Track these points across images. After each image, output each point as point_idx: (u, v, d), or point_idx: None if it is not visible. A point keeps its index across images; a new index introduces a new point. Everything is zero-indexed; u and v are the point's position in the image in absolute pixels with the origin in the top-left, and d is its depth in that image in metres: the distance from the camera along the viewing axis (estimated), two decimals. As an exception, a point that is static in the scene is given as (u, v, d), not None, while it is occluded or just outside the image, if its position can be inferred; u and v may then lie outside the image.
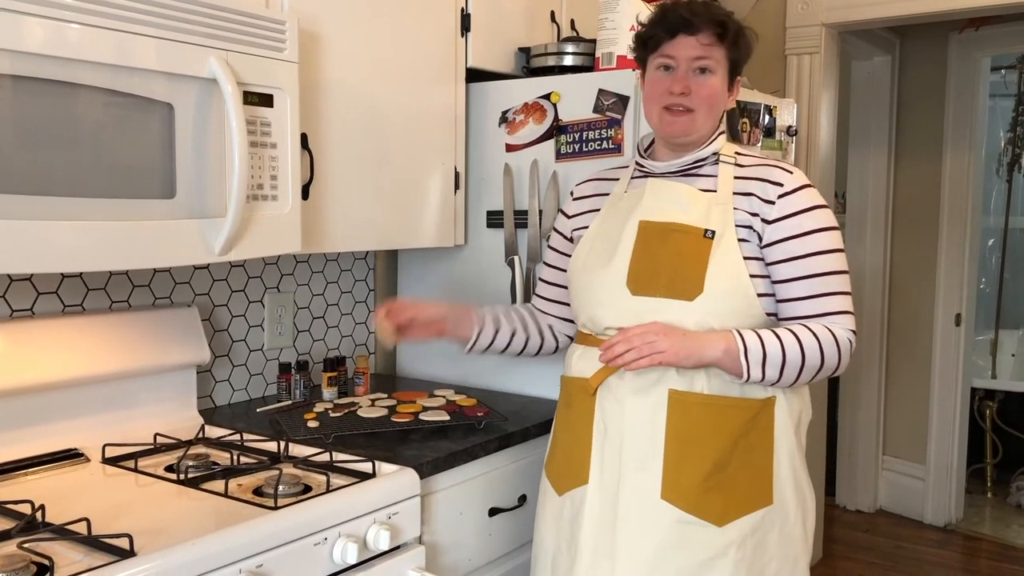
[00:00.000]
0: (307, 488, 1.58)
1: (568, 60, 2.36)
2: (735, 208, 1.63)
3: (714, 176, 1.68)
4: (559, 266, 1.91)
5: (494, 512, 1.95)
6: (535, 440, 2.01)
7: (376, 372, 2.63)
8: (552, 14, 2.59)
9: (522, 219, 2.30)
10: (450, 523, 1.83)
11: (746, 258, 1.61)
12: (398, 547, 1.65)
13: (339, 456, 1.72)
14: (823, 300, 1.60)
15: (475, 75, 2.36)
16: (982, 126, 4.30)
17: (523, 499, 2.02)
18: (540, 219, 2.26)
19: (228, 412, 2.14)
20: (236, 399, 2.24)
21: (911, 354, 4.36)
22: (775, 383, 1.58)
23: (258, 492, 1.56)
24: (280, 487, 1.53)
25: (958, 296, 4.24)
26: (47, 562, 1.23)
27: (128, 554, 1.26)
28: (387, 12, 2.09)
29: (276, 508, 1.46)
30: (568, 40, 2.41)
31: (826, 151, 3.63)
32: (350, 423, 1.94)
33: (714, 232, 1.61)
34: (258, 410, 2.14)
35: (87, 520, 1.34)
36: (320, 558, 1.49)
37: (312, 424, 1.94)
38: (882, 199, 4.35)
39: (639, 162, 1.77)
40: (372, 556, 1.59)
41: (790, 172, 1.65)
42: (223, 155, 1.60)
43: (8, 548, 1.28)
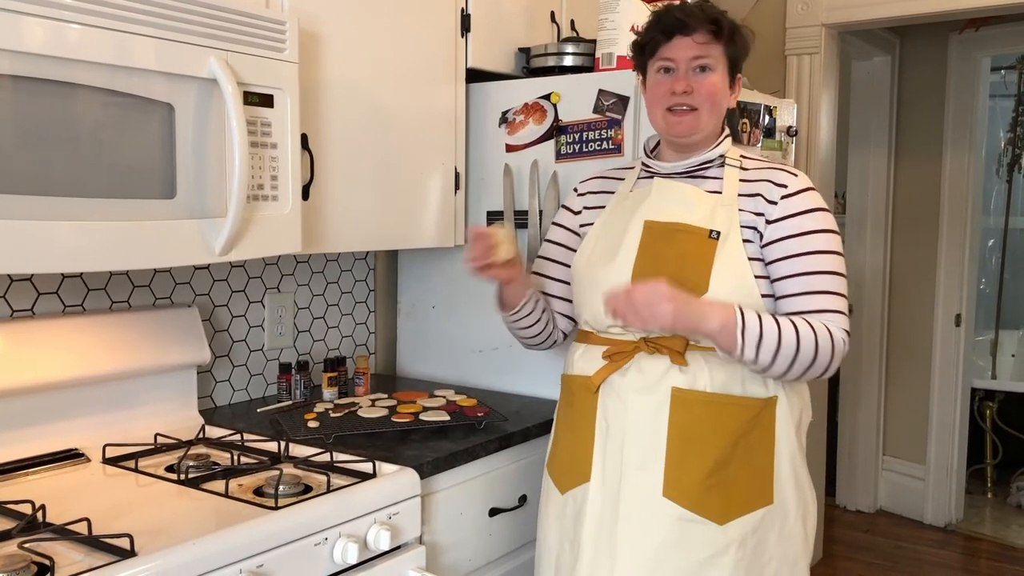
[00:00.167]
0: (307, 488, 1.58)
1: (568, 60, 2.36)
2: (740, 209, 1.64)
3: (719, 178, 1.69)
4: (564, 261, 1.88)
5: (494, 512, 1.95)
6: (535, 440, 2.01)
7: (376, 372, 2.63)
8: (552, 14, 2.59)
9: (522, 219, 2.30)
10: (450, 523, 1.83)
11: (750, 259, 1.62)
12: (398, 547, 1.65)
13: (339, 456, 1.73)
14: (817, 297, 1.60)
15: (475, 75, 2.36)
16: (982, 126, 4.30)
17: (523, 499, 2.02)
18: (540, 219, 2.26)
19: (228, 412, 2.14)
20: (236, 399, 2.24)
21: (911, 354, 4.36)
22: (766, 369, 1.56)
23: (259, 492, 1.56)
24: (280, 487, 1.53)
25: (958, 296, 4.24)
26: (48, 562, 1.23)
27: (129, 554, 1.26)
28: (387, 12, 2.09)
29: (276, 508, 1.47)
30: (568, 40, 2.42)
31: (826, 151, 3.63)
32: (350, 423, 1.95)
33: (719, 233, 1.61)
34: (258, 410, 2.14)
35: (88, 520, 1.34)
36: (320, 558, 1.49)
37: (312, 424, 1.94)
38: (882, 199, 4.36)
39: (645, 163, 1.78)
40: (372, 556, 1.59)
41: (795, 175, 1.66)
42: (223, 155, 1.60)
43: (9, 548, 1.28)
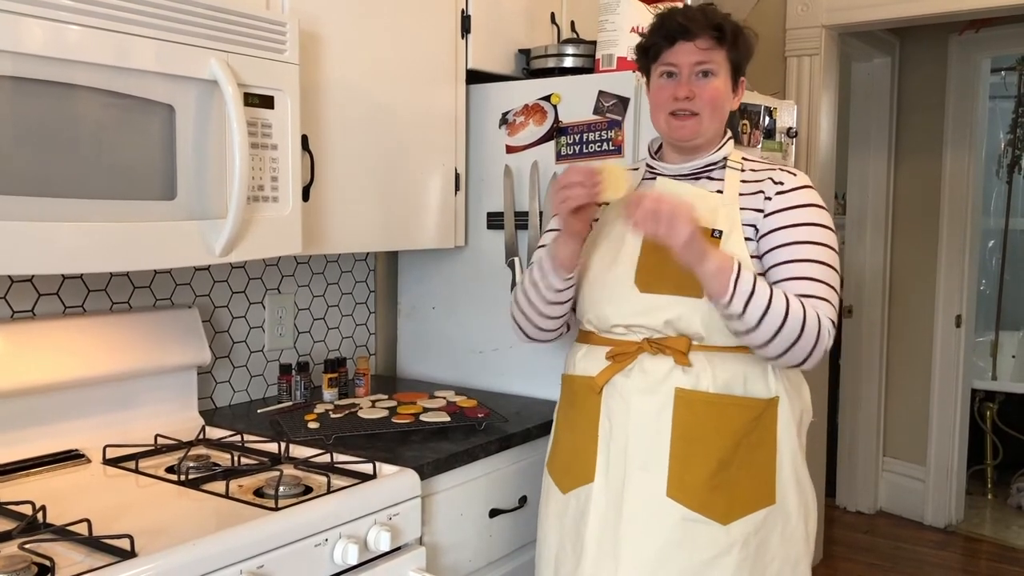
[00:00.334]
0: (308, 489, 1.58)
1: (568, 62, 2.36)
2: (741, 208, 1.65)
3: (722, 180, 1.70)
4: None
5: (495, 513, 1.95)
6: (536, 441, 2.01)
7: (376, 373, 2.63)
8: (552, 16, 2.59)
9: (522, 220, 2.30)
10: (451, 524, 1.83)
11: (752, 257, 1.63)
12: (399, 548, 1.65)
13: (340, 457, 1.73)
14: (805, 283, 1.59)
15: (475, 76, 2.37)
16: (982, 128, 4.30)
17: (524, 500, 2.02)
18: (540, 221, 2.26)
19: (229, 413, 2.14)
20: (237, 400, 2.24)
21: (911, 355, 4.36)
22: (751, 331, 1.53)
23: (259, 493, 1.56)
24: (281, 488, 1.53)
25: (958, 297, 4.25)
26: (48, 563, 1.23)
27: (129, 555, 1.26)
28: (387, 13, 2.09)
29: (277, 509, 1.47)
30: (568, 42, 2.42)
31: (826, 152, 3.63)
32: (351, 424, 1.95)
33: (721, 232, 1.62)
34: (259, 411, 2.14)
35: (88, 521, 1.34)
36: (321, 559, 1.49)
37: (313, 425, 1.94)
38: (882, 200, 4.36)
39: (650, 164, 1.78)
40: (373, 557, 1.59)
41: (794, 174, 1.69)
42: (224, 156, 1.60)
43: (9, 549, 1.28)
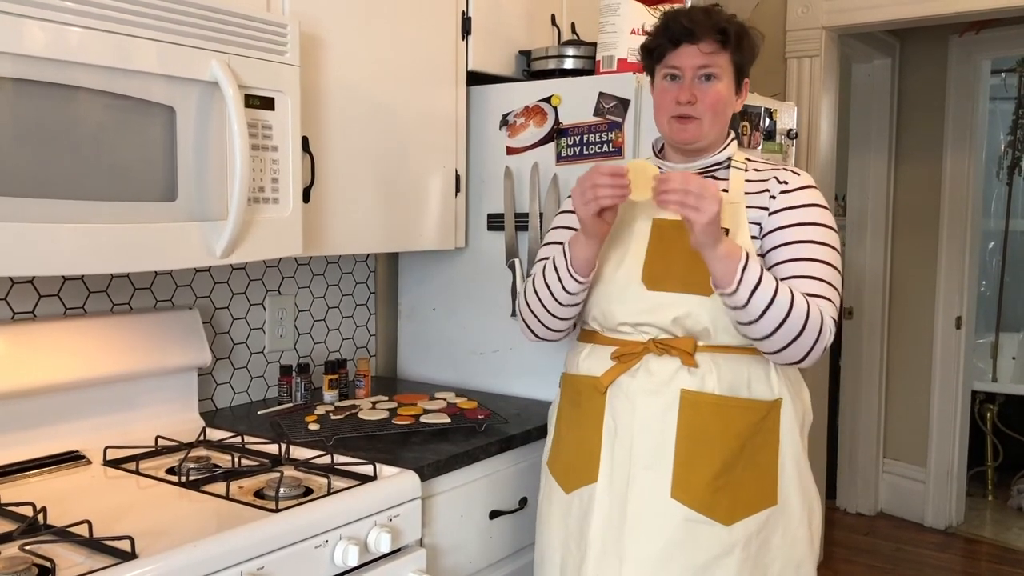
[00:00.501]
0: (308, 490, 1.58)
1: (569, 63, 2.36)
2: (747, 207, 1.67)
3: (727, 179, 1.71)
4: None
5: (495, 515, 1.95)
6: (536, 443, 2.01)
7: (377, 375, 2.63)
8: (553, 17, 2.59)
9: (523, 222, 2.31)
10: (451, 526, 1.83)
11: (758, 255, 1.64)
12: (399, 550, 1.65)
13: (340, 458, 1.73)
14: (807, 282, 1.60)
15: (476, 78, 2.37)
16: (982, 129, 4.30)
17: (524, 502, 2.02)
18: (541, 222, 2.26)
19: (229, 414, 2.14)
20: (237, 402, 2.24)
21: (911, 357, 4.36)
22: (753, 322, 1.54)
23: (259, 494, 1.56)
24: (281, 489, 1.53)
25: (958, 299, 4.25)
26: (49, 564, 1.23)
27: (129, 556, 1.26)
28: (388, 15, 2.09)
29: (277, 510, 1.47)
30: (569, 43, 2.42)
31: (826, 154, 3.63)
32: (351, 425, 1.95)
33: (727, 230, 1.62)
34: (259, 412, 2.14)
35: (88, 522, 1.34)
36: (321, 560, 1.49)
37: (313, 427, 1.94)
38: (882, 202, 4.36)
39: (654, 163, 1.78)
40: (373, 559, 1.60)
41: (798, 174, 1.71)
42: (224, 158, 1.61)
43: (10, 550, 1.28)
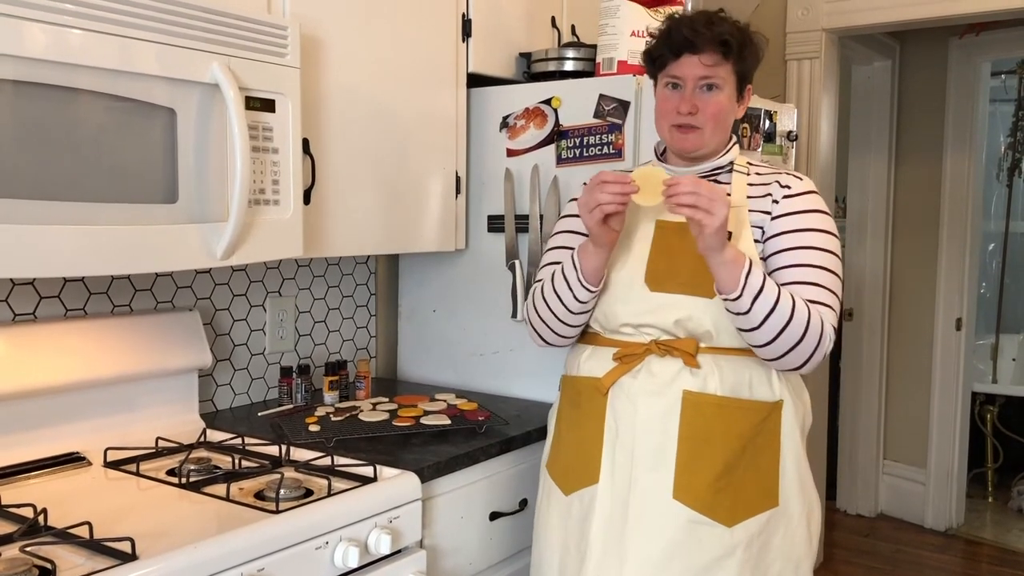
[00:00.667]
0: (308, 492, 1.58)
1: (569, 65, 2.36)
2: (750, 210, 1.67)
3: (729, 183, 1.71)
4: None
5: (495, 516, 1.95)
6: (536, 444, 2.01)
7: (377, 376, 2.63)
8: (553, 19, 2.59)
9: (523, 224, 2.31)
10: (451, 527, 1.83)
11: (760, 258, 1.64)
12: (399, 551, 1.66)
13: (340, 460, 1.73)
14: (808, 288, 1.60)
15: (476, 80, 2.37)
16: (982, 131, 4.31)
17: (524, 503, 2.02)
18: (541, 224, 2.26)
19: (229, 416, 2.14)
20: (237, 403, 2.24)
21: (912, 358, 4.36)
22: (754, 328, 1.54)
23: (260, 496, 1.56)
24: (281, 491, 1.53)
25: (958, 300, 4.25)
26: (49, 566, 1.23)
27: (130, 558, 1.27)
28: (388, 17, 2.09)
29: (277, 512, 1.47)
30: (569, 45, 2.42)
31: (826, 156, 3.64)
32: (351, 427, 1.95)
33: (731, 233, 1.62)
34: (259, 414, 2.14)
35: (89, 524, 1.34)
36: (321, 562, 1.49)
37: (313, 428, 1.94)
38: (882, 204, 4.36)
39: (656, 166, 1.78)
40: (373, 560, 1.60)
41: (800, 179, 1.71)
42: (225, 160, 1.61)
43: (10, 552, 1.28)
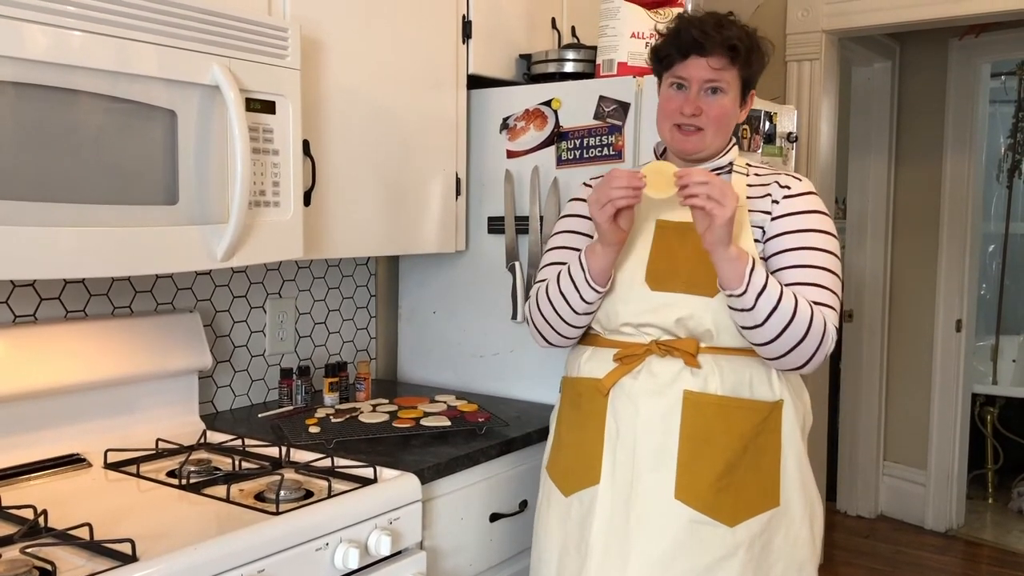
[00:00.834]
0: (308, 493, 1.58)
1: (569, 67, 2.37)
2: (750, 210, 1.67)
3: (729, 184, 1.70)
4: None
5: (495, 517, 1.95)
6: (536, 445, 2.02)
7: (377, 378, 2.63)
8: (553, 21, 2.60)
9: (523, 225, 2.31)
10: (451, 528, 1.83)
11: (762, 258, 1.64)
12: (399, 552, 1.66)
13: (340, 461, 1.73)
14: (810, 289, 1.61)
15: (476, 82, 2.37)
16: (982, 132, 4.31)
17: (524, 504, 2.02)
18: (541, 225, 2.26)
19: (230, 417, 2.14)
20: (238, 404, 2.24)
21: (912, 360, 4.36)
22: (757, 326, 1.55)
23: (260, 497, 1.56)
24: (282, 492, 1.53)
25: (959, 302, 4.25)
26: (49, 567, 1.23)
27: (130, 559, 1.27)
28: (388, 19, 2.10)
29: (278, 513, 1.47)
30: (569, 47, 2.42)
31: (826, 157, 3.64)
32: (351, 428, 1.95)
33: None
34: (260, 415, 2.14)
35: (89, 525, 1.34)
36: (321, 563, 1.49)
37: (313, 429, 1.94)
38: (882, 205, 4.36)
39: None
40: (373, 561, 1.60)
41: (799, 180, 1.72)
42: (225, 161, 1.61)
43: (11, 553, 1.28)
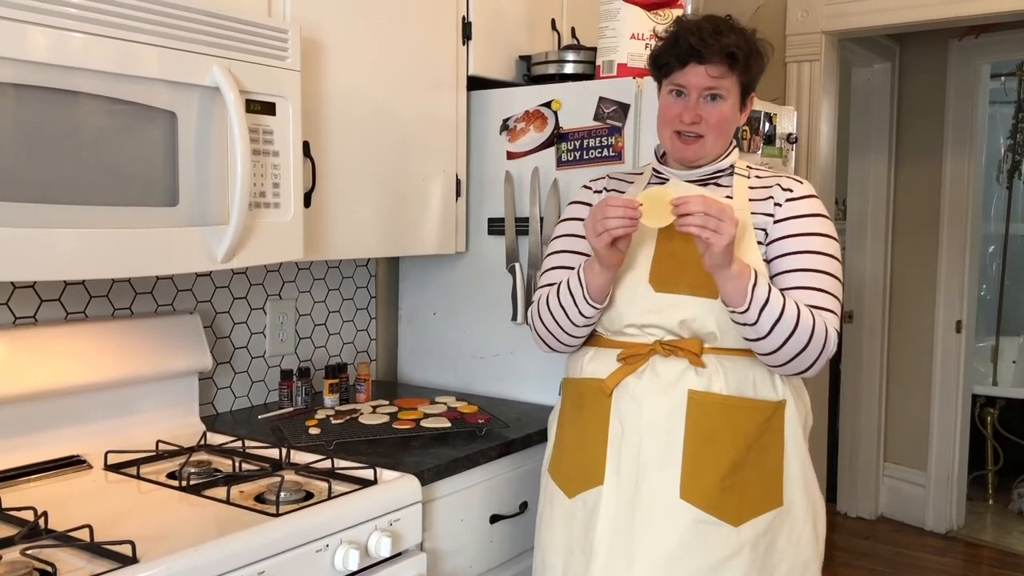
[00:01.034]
0: (309, 495, 1.58)
1: (569, 68, 2.37)
2: (752, 213, 1.68)
3: (730, 186, 1.72)
4: (589, 252, 1.75)
5: (495, 519, 1.95)
6: (536, 447, 2.02)
7: (377, 379, 2.63)
8: (553, 22, 2.60)
9: (523, 226, 2.31)
10: (451, 530, 1.83)
11: (764, 260, 1.65)
12: (399, 554, 1.66)
13: (340, 463, 1.73)
14: (812, 294, 1.62)
15: (476, 83, 2.37)
16: (982, 133, 4.31)
17: (524, 506, 2.02)
18: (541, 226, 2.26)
19: (230, 419, 2.14)
20: (238, 406, 2.24)
21: (912, 361, 4.36)
22: (762, 338, 1.56)
23: (260, 499, 1.56)
24: (282, 494, 1.53)
25: (959, 303, 4.25)
26: (50, 568, 1.23)
27: (130, 561, 1.27)
28: (389, 20, 2.10)
29: (278, 515, 1.47)
30: (569, 48, 2.42)
31: (826, 158, 3.64)
32: (351, 430, 1.95)
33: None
34: (260, 417, 2.14)
35: (89, 527, 1.34)
36: (322, 565, 1.49)
37: (314, 431, 1.94)
38: (882, 206, 4.36)
39: (657, 169, 1.79)
40: (373, 563, 1.60)
41: (800, 183, 1.72)
42: (225, 163, 1.61)
43: (11, 555, 1.28)
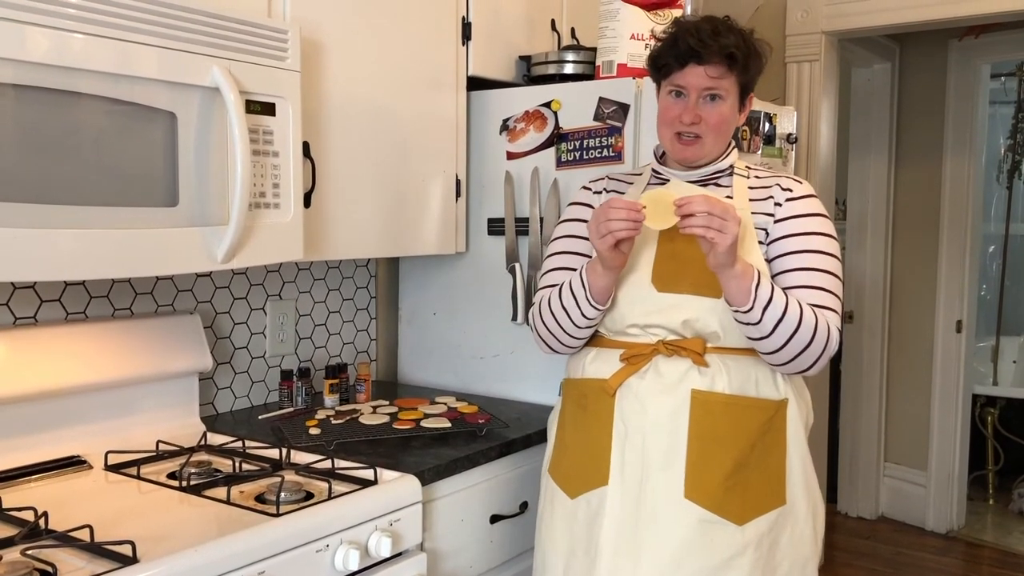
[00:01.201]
0: (309, 495, 1.58)
1: (569, 68, 2.37)
2: (753, 212, 1.68)
3: (730, 187, 1.72)
4: (590, 254, 1.76)
5: (495, 519, 1.95)
6: (537, 447, 2.02)
7: (378, 379, 2.63)
8: (553, 22, 2.60)
9: (523, 226, 2.31)
10: (451, 530, 1.83)
11: (765, 260, 1.65)
12: (399, 554, 1.66)
13: (341, 463, 1.73)
14: (813, 292, 1.62)
15: (476, 83, 2.37)
16: (982, 133, 4.31)
17: (524, 506, 2.02)
18: (541, 227, 2.26)
19: (230, 419, 2.14)
20: (238, 406, 2.24)
21: (912, 361, 4.36)
22: (764, 337, 1.57)
23: (260, 499, 1.56)
24: (282, 494, 1.53)
25: (959, 303, 4.25)
26: (50, 569, 1.23)
27: (131, 561, 1.27)
28: (389, 20, 2.10)
29: (278, 515, 1.47)
30: (569, 48, 2.42)
31: (826, 158, 3.64)
32: (352, 430, 1.95)
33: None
34: (260, 417, 2.14)
35: (90, 527, 1.34)
36: (322, 565, 1.49)
37: (314, 431, 1.94)
38: (882, 206, 4.36)
39: (656, 169, 1.79)
40: (374, 563, 1.60)
41: (800, 182, 1.73)
42: (225, 163, 1.61)
43: (11, 555, 1.28)
